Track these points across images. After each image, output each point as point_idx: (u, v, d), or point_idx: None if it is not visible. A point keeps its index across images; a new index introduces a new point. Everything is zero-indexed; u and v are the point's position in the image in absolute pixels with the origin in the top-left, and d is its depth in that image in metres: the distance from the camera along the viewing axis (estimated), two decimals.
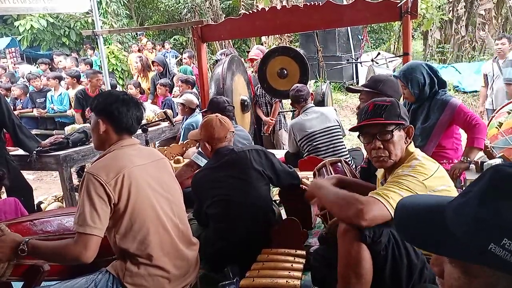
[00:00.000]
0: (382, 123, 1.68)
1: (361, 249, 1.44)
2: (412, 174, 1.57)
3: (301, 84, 3.84)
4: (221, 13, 12.72)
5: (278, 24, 3.88)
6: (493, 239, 0.59)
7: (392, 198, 1.48)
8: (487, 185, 0.64)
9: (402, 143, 1.70)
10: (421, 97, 2.65)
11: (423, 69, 2.63)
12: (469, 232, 0.62)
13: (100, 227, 1.57)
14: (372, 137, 1.70)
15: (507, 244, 0.58)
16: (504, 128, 3.18)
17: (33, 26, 11.27)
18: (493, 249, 0.59)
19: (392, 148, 1.67)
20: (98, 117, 1.78)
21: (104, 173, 1.62)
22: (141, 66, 7.05)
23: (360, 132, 1.77)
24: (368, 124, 1.71)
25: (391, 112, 1.69)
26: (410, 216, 0.74)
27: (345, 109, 8.88)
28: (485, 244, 0.60)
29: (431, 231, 0.69)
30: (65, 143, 3.61)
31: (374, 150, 1.70)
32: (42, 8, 5.19)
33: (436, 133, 2.63)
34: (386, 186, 1.56)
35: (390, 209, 1.45)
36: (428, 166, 1.62)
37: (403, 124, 1.70)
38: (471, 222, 0.63)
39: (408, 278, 1.50)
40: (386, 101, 1.74)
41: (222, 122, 2.37)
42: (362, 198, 1.49)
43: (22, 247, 1.56)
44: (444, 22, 10.60)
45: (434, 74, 2.63)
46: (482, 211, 0.62)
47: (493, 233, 0.60)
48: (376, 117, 1.69)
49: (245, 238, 2.19)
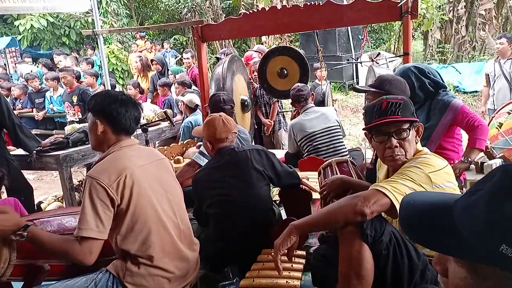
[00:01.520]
0: (399, 121, 1.63)
1: (362, 249, 1.42)
2: (418, 166, 1.55)
3: (302, 84, 3.84)
4: (221, 13, 12.72)
5: (278, 24, 3.87)
6: (505, 240, 0.59)
7: (393, 186, 1.47)
8: (497, 186, 0.63)
9: (414, 141, 1.68)
10: (415, 100, 2.64)
11: (410, 72, 2.63)
12: (480, 233, 0.62)
13: (103, 231, 1.58)
14: (386, 136, 1.65)
15: None
16: (504, 128, 3.18)
17: (33, 26, 11.26)
18: (504, 250, 0.59)
19: (407, 146, 1.64)
20: (96, 117, 1.77)
21: (106, 176, 1.62)
22: (140, 65, 7.06)
23: (371, 130, 1.71)
24: (385, 123, 1.64)
25: (406, 109, 1.65)
26: (415, 215, 0.73)
27: (345, 109, 8.88)
28: (496, 245, 0.59)
29: (439, 231, 0.68)
30: (65, 143, 3.61)
31: (389, 149, 1.64)
32: (43, 8, 5.19)
33: (437, 134, 2.62)
34: (388, 179, 1.56)
35: (390, 196, 1.44)
36: (436, 161, 1.59)
37: (417, 122, 1.68)
38: (481, 223, 0.62)
39: (409, 278, 1.49)
40: (398, 98, 1.69)
41: (225, 122, 2.37)
42: (357, 193, 1.49)
43: (22, 232, 1.53)
44: (444, 22, 10.60)
45: (424, 76, 2.62)
46: (493, 212, 0.61)
47: (505, 234, 0.59)
48: (392, 115, 1.63)
49: (245, 238, 2.19)
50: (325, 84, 5.04)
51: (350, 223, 1.45)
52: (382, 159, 1.73)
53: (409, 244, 1.52)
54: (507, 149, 3.02)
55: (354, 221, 1.44)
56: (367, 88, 2.68)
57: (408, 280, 1.48)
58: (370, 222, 1.44)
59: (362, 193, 1.49)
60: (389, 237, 1.46)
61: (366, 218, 1.42)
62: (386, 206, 1.45)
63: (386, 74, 3.09)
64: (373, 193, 1.47)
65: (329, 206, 1.58)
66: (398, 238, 1.50)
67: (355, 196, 1.49)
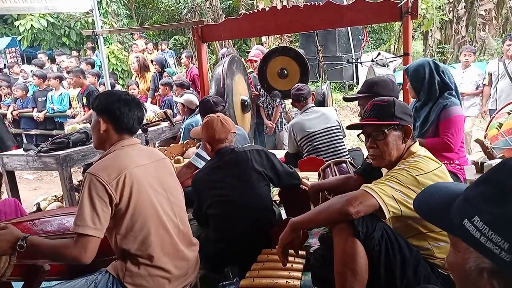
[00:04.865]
0: (376, 124, 1.72)
1: (355, 245, 1.46)
2: (406, 168, 1.60)
3: (302, 84, 3.84)
4: (221, 13, 12.70)
5: (278, 24, 3.88)
6: (468, 215, 0.67)
7: (381, 188, 1.52)
8: (488, 172, 0.71)
9: (399, 142, 1.72)
10: (423, 94, 2.64)
11: (427, 65, 2.63)
12: (457, 207, 0.71)
13: (100, 228, 1.57)
14: (368, 136, 1.76)
15: (476, 221, 0.65)
16: (504, 128, 3.18)
17: (33, 26, 11.27)
18: (466, 224, 0.66)
19: (385, 147, 1.70)
20: (99, 116, 1.78)
21: (106, 173, 1.62)
22: (137, 66, 7.03)
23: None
24: (365, 124, 1.77)
25: (385, 112, 1.72)
26: (432, 193, 0.82)
27: (345, 109, 8.88)
28: (462, 218, 0.67)
29: (442, 209, 0.76)
30: (65, 143, 3.61)
31: (370, 149, 1.77)
32: (43, 8, 5.19)
33: (430, 135, 2.62)
34: (377, 180, 1.60)
35: (377, 198, 1.49)
36: (426, 164, 1.63)
37: (398, 124, 1.71)
38: (462, 199, 0.71)
39: (401, 274, 1.51)
40: (383, 100, 1.77)
41: (224, 123, 2.37)
42: (347, 193, 1.55)
43: (21, 243, 1.54)
44: (444, 22, 10.60)
45: (437, 73, 2.62)
46: (472, 191, 0.70)
47: (469, 209, 0.67)
48: (370, 118, 1.74)
49: (245, 238, 2.18)
50: (325, 84, 5.05)
51: (340, 221, 1.50)
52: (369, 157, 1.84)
53: (401, 240, 1.56)
54: (507, 149, 3.01)
55: (340, 220, 1.50)
56: (357, 95, 2.70)
57: (400, 276, 1.51)
58: (362, 219, 1.48)
59: (351, 193, 1.55)
60: (381, 233, 1.51)
61: (352, 218, 1.47)
62: (373, 207, 1.50)
63: (372, 78, 3.12)
64: (361, 194, 1.52)
65: (322, 204, 1.65)
66: (390, 235, 1.53)
67: (344, 195, 1.55)
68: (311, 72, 4.98)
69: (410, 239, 1.63)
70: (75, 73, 5.61)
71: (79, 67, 6.25)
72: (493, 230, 0.62)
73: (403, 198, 1.53)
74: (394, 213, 1.53)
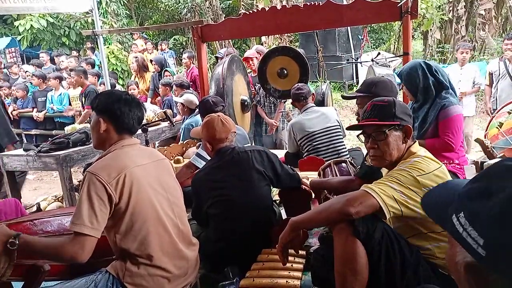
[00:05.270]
0: (377, 124, 1.72)
1: (355, 245, 1.47)
2: (407, 169, 1.60)
3: (302, 83, 3.84)
4: (221, 13, 12.71)
5: (278, 24, 3.88)
6: (456, 211, 0.69)
7: (381, 188, 1.52)
8: (484, 170, 0.73)
9: (399, 142, 1.72)
10: (420, 96, 2.64)
11: (419, 67, 2.62)
12: (450, 203, 0.73)
13: (97, 228, 1.56)
14: (368, 137, 1.75)
15: (460, 217, 0.68)
16: (505, 128, 3.18)
17: (33, 26, 11.26)
18: (453, 219, 0.69)
19: (386, 148, 1.71)
20: (99, 116, 1.78)
21: (106, 172, 1.62)
22: (136, 66, 7.02)
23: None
24: (365, 124, 1.76)
25: (385, 112, 1.72)
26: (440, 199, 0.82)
27: (345, 109, 8.88)
28: (451, 213, 0.70)
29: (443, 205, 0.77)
30: (65, 143, 3.61)
31: (371, 149, 1.76)
32: (43, 8, 5.18)
33: (429, 135, 2.62)
34: (378, 181, 1.60)
35: (378, 198, 1.49)
36: (427, 164, 1.62)
37: (399, 124, 1.71)
38: (456, 195, 0.73)
39: (401, 274, 1.51)
40: (383, 101, 1.77)
41: (224, 122, 2.37)
42: (348, 193, 1.55)
43: (12, 240, 1.53)
44: (444, 22, 10.60)
45: (431, 73, 2.61)
46: (464, 188, 0.72)
47: (458, 205, 0.70)
48: (371, 118, 1.74)
49: (245, 238, 2.18)
50: (325, 84, 5.04)
51: (340, 221, 1.50)
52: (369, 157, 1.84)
53: (401, 240, 1.56)
54: (507, 149, 3.01)
55: (340, 220, 1.50)
56: (355, 94, 2.69)
57: (400, 276, 1.51)
58: (362, 219, 1.49)
59: (351, 193, 1.55)
60: (381, 233, 1.51)
61: (352, 218, 1.48)
62: (373, 208, 1.50)
63: (371, 77, 3.11)
64: (362, 194, 1.53)
65: (323, 204, 1.66)
66: (391, 235, 1.53)
67: (344, 195, 1.55)
68: (311, 72, 4.96)
69: (410, 239, 1.64)
70: (77, 72, 5.59)
71: (82, 66, 6.24)
72: (472, 226, 0.65)
73: (403, 199, 1.53)
74: (394, 213, 1.53)
